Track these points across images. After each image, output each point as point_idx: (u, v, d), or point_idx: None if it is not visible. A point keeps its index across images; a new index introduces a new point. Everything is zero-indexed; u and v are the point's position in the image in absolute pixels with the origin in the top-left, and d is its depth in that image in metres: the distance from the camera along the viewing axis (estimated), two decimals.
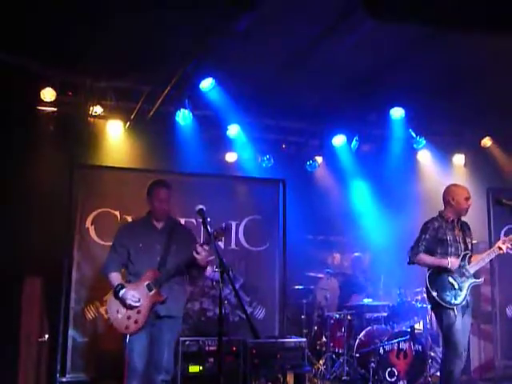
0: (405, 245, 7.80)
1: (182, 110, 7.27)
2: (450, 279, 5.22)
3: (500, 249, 5.24)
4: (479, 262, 5.32)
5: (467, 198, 5.40)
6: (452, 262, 5.23)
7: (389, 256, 7.90)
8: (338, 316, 7.09)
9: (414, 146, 8.45)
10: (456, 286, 5.20)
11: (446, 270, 5.21)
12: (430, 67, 6.75)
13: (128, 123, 7.44)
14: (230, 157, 8.21)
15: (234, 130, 7.89)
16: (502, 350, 7.23)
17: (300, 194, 8.15)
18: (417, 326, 7.03)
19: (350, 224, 8.53)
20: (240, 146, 8.13)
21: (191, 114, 7.33)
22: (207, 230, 4.31)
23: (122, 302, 4.64)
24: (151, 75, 6.73)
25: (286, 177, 7.92)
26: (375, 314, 7.08)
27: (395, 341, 6.62)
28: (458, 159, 8.96)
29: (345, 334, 6.85)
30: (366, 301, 7.19)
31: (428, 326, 7.21)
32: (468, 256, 5.34)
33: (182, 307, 5.00)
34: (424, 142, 8.37)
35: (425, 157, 8.78)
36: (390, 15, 3.73)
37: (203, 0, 5.26)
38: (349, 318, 7.00)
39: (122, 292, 4.64)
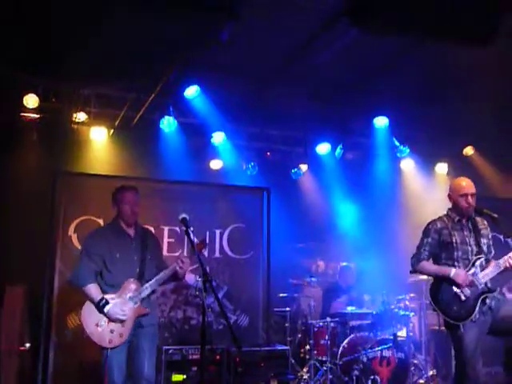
0: (388, 252, 7.93)
1: (166, 117, 7.24)
2: (456, 290, 4.55)
3: (508, 263, 4.57)
4: (491, 270, 4.60)
5: (464, 195, 4.69)
6: (456, 272, 4.55)
7: (372, 263, 7.94)
8: (321, 324, 7.07)
9: (398, 154, 8.51)
10: (462, 298, 4.54)
11: (451, 280, 4.56)
12: (413, 76, 6.81)
13: (112, 130, 7.41)
14: (215, 164, 8.19)
15: (218, 138, 7.88)
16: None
17: (285, 202, 8.16)
18: (400, 334, 7.04)
19: (334, 231, 8.55)
20: (225, 154, 8.12)
21: (176, 122, 7.31)
22: (191, 240, 4.24)
23: (108, 316, 4.53)
24: (136, 82, 6.72)
25: (270, 184, 7.93)
26: (359, 322, 7.08)
27: (378, 348, 6.63)
28: (441, 168, 9.04)
29: (328, 342, 6.83)
30: (350, 308, 7.19)
31: (411, 334, 7.22)
32: (482, 261, 4.63)
33: (156, 315, 5.00)
34: (407, 150, 8.42)
35: (408, 165, 8.84)
36: (374, 26, 3.75)
37: (188, 9, 5.27)
38: (332, 325, 6.99)
39: (107, 307, 4.51)
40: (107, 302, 4.52)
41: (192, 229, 4.21)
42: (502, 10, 3.50)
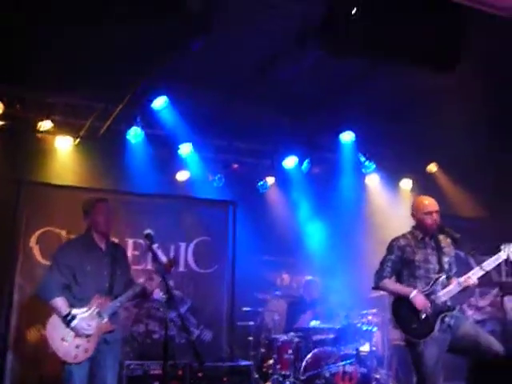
0: (352, 267, 7.99)
1: (133, 128, 7.19)
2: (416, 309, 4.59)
3: (470, 281, 4.62)
4: (452, 288, 4.65)
5: (429, 213, 4.74)
6: (415, 295, 4.58)
7: (336, 278, 7.99)
8: (285, 338, 7.07)
9: (363, 170, 8.58)
10: (422, 316, 4.58)
11: (410, 301, 4.59)
12: (380, 93, 6.93)
13: (77, 140, 7.30)
14: (181, 176, 8.12)
15: (185, 149, 7.85)
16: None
17: (251, 215, 8.15)
18: (362, 349, 7.07)
19: (299, 245, 8.55)
20: (191, 165, 8.07)
21: (143, 133, 7.26)
22: (156, 256, 4.20)
23: (75, 331, 4.45)
24: (103, 92, 6.65)
25: (237, 197, 7.92)
26: (322, 337, 7.09)
27: (341, 363, 6.64)
28: (405, 184, 9.14)
29: (292, 357, 6.82)
30: (314, 323, 7.21)
31: (373, 348, 7.25)
32: (443, 279, 4.68)
33: (122, 329, 4.95)
34: (373, 166, 8.50)
35: (373, 181, 8.93)
36: (337, 48, 3.81)
37: (159, 19, 5.25)
38: (296, 340, 6.98)
39: (75, 322, 4.43)
40: (74, 317, 4.45)
41: (157, 245, 4.17)
42: (463, 36, 3.59)
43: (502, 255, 4.71)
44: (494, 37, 5.26)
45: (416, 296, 4.60)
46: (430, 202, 4.84)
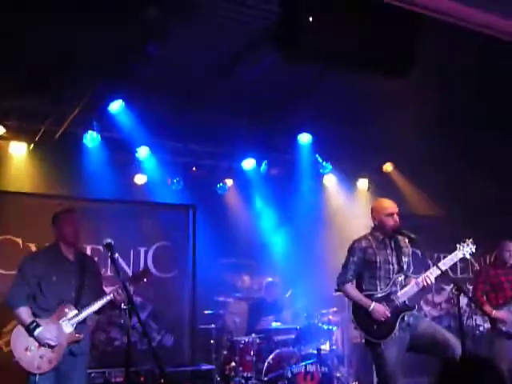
0: (310, 268, 8.09)
1: (90, 131, 7.09)
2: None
3: (428, 280, 4.69)
4: (410, 288, 4.74)
5: (390, 214, 4.82)
6: (374, 308, 4.64)
7: (296, 278, 8.07)
8: (246, 340, 7.07)
9: (321, 170, 8.70)
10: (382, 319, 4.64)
11: (372, 299, 4.68)
12: (336, 95, 7.00)
13: (32, 145, 7.15)
14: (139, 179, 8.04)
15: (143, 153, 7.79)
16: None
17: (210, 217, 8.15)
18: (323, 348, 7.16)
19: (259, 247, 8.59)
20: (149, 169, 8.01)
21: (99, 136, 7.16)
22: (116, 267, 4.17)
23: (38, 340, 4.39)
24: (58, 95, 6.54)
25: (196, 199, 7.91)
26: (283, 337, 7.14)
27: (302, 364, 6.70)
28: (362, 184, 9.31)
29: (253, 358, 6.84)
30: (274, 324, 7.26)
31: (334, 347, 7.35)
32: (402, 279, 4.78)
33: (89, 339, 4.86)
34: (330, 166, 8.63)
35: (330, 181, 9.05)
36: (292, 54, 3.85)
37: (116, 23, 5.20)
38: (257, 341, 6.99)
39: (38, 330, 4.38)
40: (38, 326, 4.40)
41: (117, 254, 4.14)
42: (415, 40, 3.68)
43: (458, 254, 4.83)
44: (444, 39, 5.43)
45: (374, 309, 4.66)
46: (389, 204, 4.91)
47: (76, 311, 4.56)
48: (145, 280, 4.72)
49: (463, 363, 2.62)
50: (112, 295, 4.58)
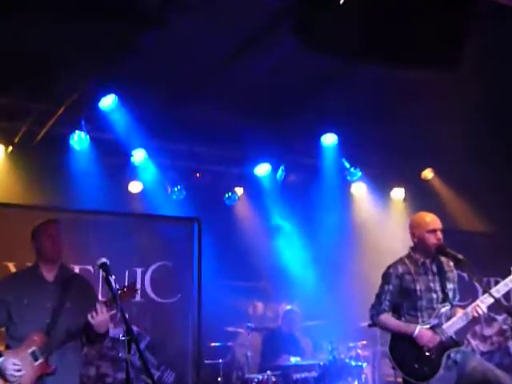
0: (335, 293, 8.12)
1: (77, 132, 7.19)
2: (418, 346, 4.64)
3: (479, 310, 4.66)
4: (458, 320, 4.72)
5: (432, 231, 4.79)
6: (420, 332, 4.64)
7: (318, 306, 8.10)
8: (260, 378, 7.13)
9: (348, 177, 8.73)
10: (427, 354, 4.63)
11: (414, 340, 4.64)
12: (365, 89, 7.03)
13: (11, 147, 7.28)
14: (135, 187, 8.15)
15: (139, 156, 7.89)
16: None
17: (217, 232, 8.22)
18: None
19: (274, 268, 8.65)
20: (146, 175, 8.12)
21: (88, 138, 7.26)
22: (112, 290, 4.21)
23: (1, 374, 4.42)
24: (42, 91, 6.64)
25: (200, 211, 7.97)
26: (304, 374, 7.18)
27: None
28: (397, 193, 9.32)
29: None
30: (294, 359, 7.32)
31: None
32: (447, 310, 4.77)
33: (76, 378, 4.86)
34: (359, 173, 8.66)
35: (360, 190, 9.08)
36: (318, 46, 3.91)
37: (111, 14, 5.32)
38: (273, 379, 7.05)
39: (0, 360, 4.43)
40: (0, 355, 4.43)
41: (113, 277, 4.19)
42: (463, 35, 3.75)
43: None
44: (493, 35, 5.51)
45: (420, 332, 4.65)
46: (432, 219, 4.89)
47: (49, 338, 4.55)
48: (134, 295, 4.72)
49: None
50: (89, 317, 4.50)
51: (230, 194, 8.64)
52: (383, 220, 8.89)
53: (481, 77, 6.58)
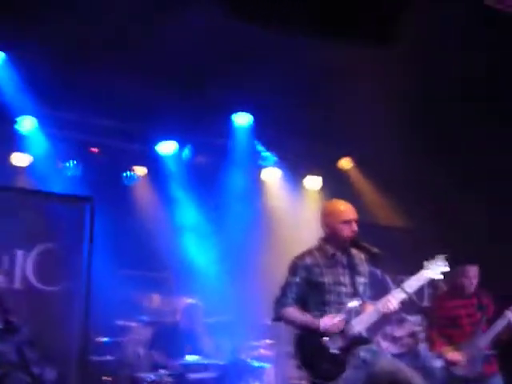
0: (241, 288, 8.15)
1: None
2: (325, 343, 4.67)
3: (390, 306, 4.72)
4: (368, 316, 4.79)
5: (347, 222, 4.83)
6: (324, 323, 4.68)
7: (222, 301, 8.11)
8: (153, 377, 7.10)
9: (261, 162, 8.82)
10: (333, 351, 4.67)
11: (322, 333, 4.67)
12: (285, 70, 7.07)
13: None
14: (20, 160, 7.98)
15: (26, 125, 7.73)
16: None
17: (113, 215, 8.09)
18: None
19: (175, 257, 8.61)
20: (35, 147, 7.93)
21: None
22: None
23: None
24: None
25: (95, 191, 7.85)
26: (201, 375, 7.21)
27: None
28: (313, 182, 9.43)
29: None
30: (191, 358, 7.30)
31: None
32: (356, 305, 4.80)
33: None
34: (273, 158, 8.73)
35: (273, 176, 9.17)
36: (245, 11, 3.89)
37: None
38: (167, 379, 7.04)
39: None
40: None
41: None
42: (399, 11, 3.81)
43: (426, 273, 4.92)
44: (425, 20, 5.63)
45: (325, 323, 4.67)
46: (347, 208, 4.92)
47: None
48: None
49: None
50: None
51: (129, 173, 8.56)
52: (296, 209, 9.00)
53: (409, 65, 6.75)
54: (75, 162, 8.06)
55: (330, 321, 4.69)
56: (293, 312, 4.84)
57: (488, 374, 6.03)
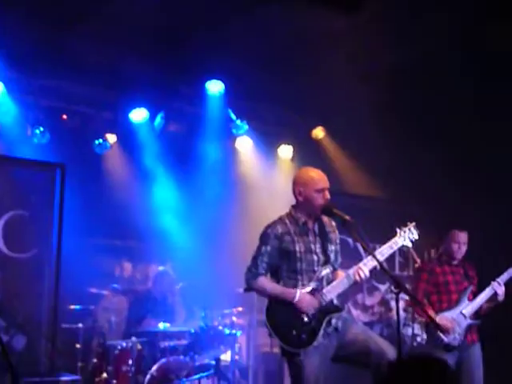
0: (213, 256, 8.15)
1: None
2: (297, 311, 4.68)
3: (361, 273, 4.73)
4: (339, 283, 4.79)
5: (320, 190, 4.82)
6: (300, 297, 4.68)
7: (193, 268, 8.12)
8: (124, 345, 7.08)
9: (234, 130, 8.79)
10: (305, 319, 4.69)
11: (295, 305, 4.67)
12: (260, 37, 7.04)
13: None
14: None
15: None
16: None
17: (83, 182, 8.02)
18: (223, 358, 7.28)
19: (146, 226, 8.54)
20: (3, 113, 7.75)
21: None
22: None
23: None
24: None
25: (65, 158, 7.81)
26: (172, 343, 7.19)
27: (196, 376, 6.81)
28: (285, 151, 9.45)
29: (132, 369, 6.87)
30: (162, 326, 7.29)
31: (236, 357, 7.50)
32: (328, 272, 4.82)
33: None
34: (246, 126, 8.72)
35: (245, 145, 9.17)
36: None
37: None
38: (138, 347, 7.04)
39: None
40: None
41: None
42: None
43: (398, 240, 4.96)
44: None
45: (301, 298, 4.68)
46: (320, 177, 4.90)
47: None
48: None
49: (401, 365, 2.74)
50: None
51: (100, 140, 8.44)
52: (268, 178, 9.00)
53: (389, 37, 6.74)
54: (43, 129, 7.89)
55: (305, 301, 4.69)
56: (265, 282, 4.84)
57: (469, 342, 6.07)
